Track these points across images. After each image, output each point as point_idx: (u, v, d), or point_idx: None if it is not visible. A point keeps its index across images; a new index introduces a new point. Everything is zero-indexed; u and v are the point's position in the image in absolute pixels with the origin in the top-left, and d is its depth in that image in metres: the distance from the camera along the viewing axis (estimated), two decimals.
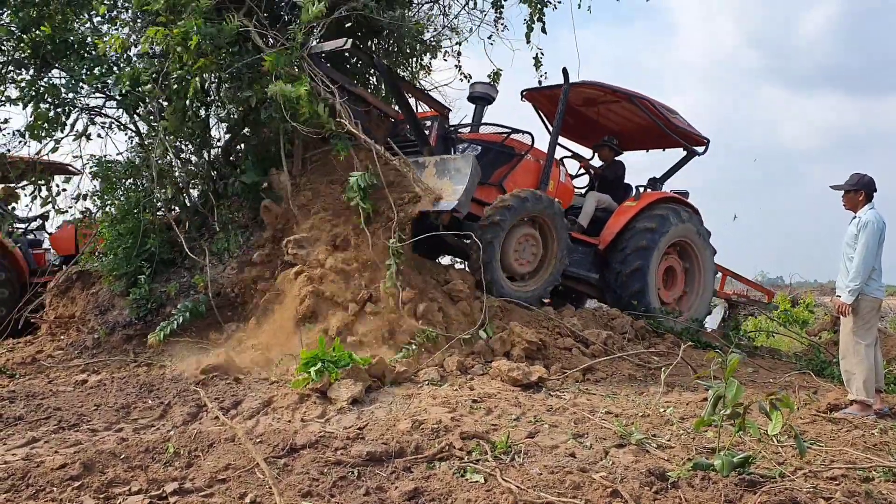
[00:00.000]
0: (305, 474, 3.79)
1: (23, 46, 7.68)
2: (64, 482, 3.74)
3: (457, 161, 7.44)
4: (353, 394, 5.43)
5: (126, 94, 7.62)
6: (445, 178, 7.35)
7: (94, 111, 8.52)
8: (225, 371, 6.45)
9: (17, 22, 7.61)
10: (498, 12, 9.86)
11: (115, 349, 7.81)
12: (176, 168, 8.26)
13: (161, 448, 4.27)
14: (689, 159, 10.26)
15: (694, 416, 5.06)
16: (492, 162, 8.40)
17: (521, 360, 6.39)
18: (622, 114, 9.95)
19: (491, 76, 10.19)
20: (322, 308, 6.99)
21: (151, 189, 8.21)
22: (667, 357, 7.46)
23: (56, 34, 7.67)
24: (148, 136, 8.55)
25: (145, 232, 8.12)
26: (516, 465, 4.02)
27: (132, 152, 8.68)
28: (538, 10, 9.56)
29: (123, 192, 8.31)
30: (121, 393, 5.97)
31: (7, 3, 7.52)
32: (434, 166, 7.56)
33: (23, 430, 4.94)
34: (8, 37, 7.68)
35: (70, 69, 7.93)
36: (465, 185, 7.06)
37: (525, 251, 8.09)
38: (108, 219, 8.26)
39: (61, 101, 7.97)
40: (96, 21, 8.12)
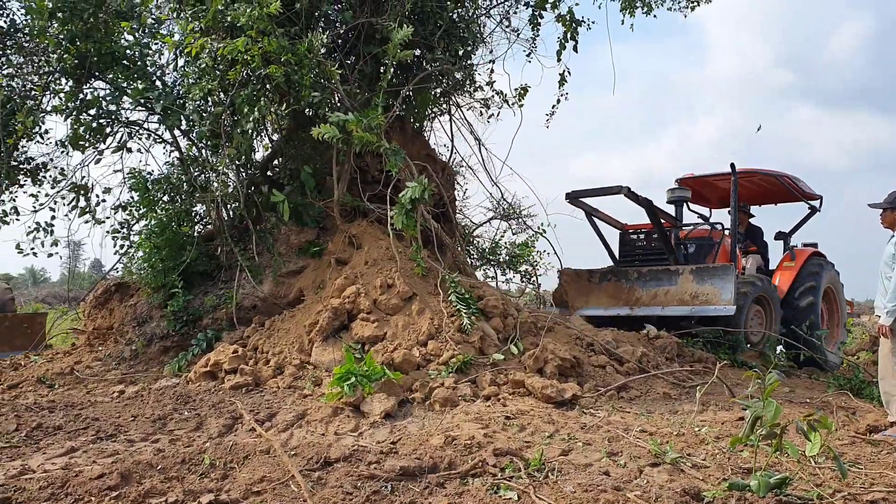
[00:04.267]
0: (339, 488, 3.80)
1: (67, 57, 7.85)
2: (102, 492, 3.79)
3: (717, 270, 9.12)
4: (385, 408, 5.45)
5: (167, 109, 7.76)
6: (707, 284, 9.06)
7: (135, 125, 8.68)
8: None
9: (65, 34, 7.79)
10: (535, 31, 9.91)
11: (152, 360, 7.92)
12: (214, 183, 8.38)
13: (197, 459, 4.32)
14: (812, 216, 11.56)
15: (729, 436, 4.98)
16: (704, 253, 10.33)
17: (554, 377, 6.35)
18: (755, 182, 11.11)
19: (518, 92, 10.22)
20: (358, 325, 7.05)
21: (189, 203, 8.34)
22: (702, 376, 7.37)
23: (101, 46, 7.83)
24: (188, 151, 8.71)
25: (182, 245, 8.25)
26: (550, 482, 3.99)
27: (171, 167, 8.83)
28: (573, 29, 9.63)
29: (161, 206, 8.45)
30: (157, 404, 6.06)
31: (55, 16, 7.69)
32: (691, 273, 9.28)
33: (62, 439, 5.03)
34: (55, 48, 7.85)
35: (113, 82, 8.10)
36: (732, 293, 8.76)
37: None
38: (147, 232, 8.40)
39: (104, 112, 8.13)
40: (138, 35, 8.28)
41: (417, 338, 6.80)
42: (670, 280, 9.50)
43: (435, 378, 6.16)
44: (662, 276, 9.62)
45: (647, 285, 9.75)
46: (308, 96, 7.17)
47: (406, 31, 7.14)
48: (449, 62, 8.62)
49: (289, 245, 8.67)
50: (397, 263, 7.53)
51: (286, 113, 7.97)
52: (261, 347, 7.28)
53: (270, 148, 9.48)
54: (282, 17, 7.09)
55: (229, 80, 7.26)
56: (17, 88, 8.07)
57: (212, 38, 7.35)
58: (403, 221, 7.12)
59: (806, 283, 10.48)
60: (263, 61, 6.97)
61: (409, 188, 7.02)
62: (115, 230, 8.75)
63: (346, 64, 8.21)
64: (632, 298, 9.79)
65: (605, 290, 10.12)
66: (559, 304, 10.59)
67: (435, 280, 7.56)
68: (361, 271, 7.67)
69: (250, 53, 6.89)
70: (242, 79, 7.27)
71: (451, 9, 8.55)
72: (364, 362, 5.85)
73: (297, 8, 7.46)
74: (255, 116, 7.26)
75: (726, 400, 6.35)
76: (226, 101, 7.54)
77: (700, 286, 9.17)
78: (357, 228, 8.43)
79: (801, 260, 10.81)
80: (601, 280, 10.25)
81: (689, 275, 9.33)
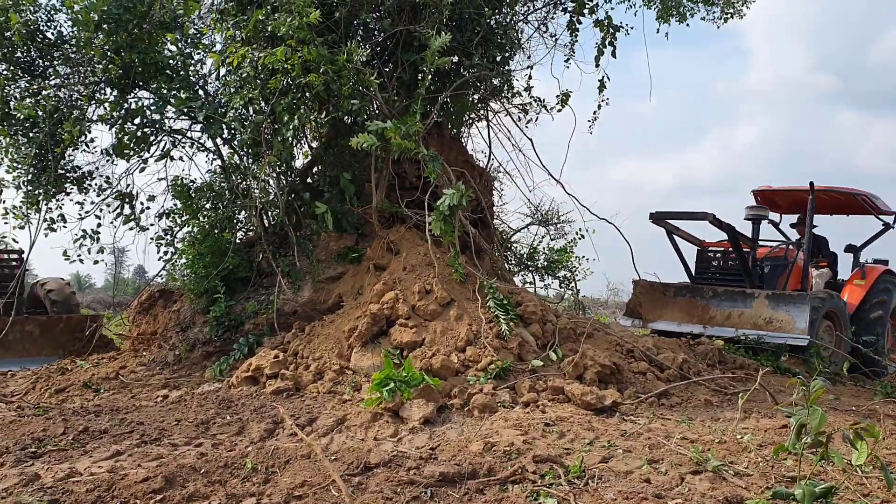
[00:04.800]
0: (379, 493, 3.82)
1: (113, 68, 8.02)
2: (147, 495, 3.86)
3: (794, 298, 9.27)
4: (424, 414, 5.47)
5: (209, 118, 7.88)
6: (782, 311, 9.19)
7: (178, 134, 8.83)
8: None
9: (110, 45, 7.96)
10: (573, 36, 9.88)
11: (194, 365, 8.04)
12: (255, 191, 8.49)
13: (239, 463, 4.37)
14: (885, 231, 11.51)
15: (773, 444, 4.91)
16: (778, 274, 10.42)
17: (594, 383, 6.31)
18: (829, 195, 11.09)
19: (560, 98, 10.19)
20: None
21: (231, 210, 8.46)
22: (744, 383, 7.27)
23: (145, 56, 7.99)
24: (229, 159, 8.84)
25: (224, 252, 8.36)
26: (590, 489, 3.97)
27: (213, 175, 8.96)
28: (611, 34, 9.60)
29: (204, 213, 8.57)
30: (200, 408, 6.14)
31: (101, 28, 7.86)
32: (766, 298, 9.38)
33: (108, 443, 5.12)
34: (100, 59, 8.02)
35: (157, 91, 8.26)
36: (807, 323, 8.94)
37: None
38: (190, 239, 8.53)
39: (148, 121, 8.28)
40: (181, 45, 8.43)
41: (456, 344, 6.81)
42: (745, 302, 9.58)
43: (473, 384, 6.16)
44: (738, 297, 9.71)
45: (722, 305, 9.81)
46: (347, 105, 7.24)
47: (444, 38, 7.18)
48: (487, 68, 8.63)
49: (328, 251, 8.75)
50: (435, 269, 7.55)
51: (325, 121, 8.05)
52: (301, 353, 7.35)
53: (310, 155, 9.58)
54: (321, 26, 7.17)
55: (270, 88, 7.35)
56: (64, 98, 8.23)
57: (253, 47, 7.46)
58: (441, 227, 7.14)
59: (874, 297, 10.57)
60: (303, 70, 7.05)
61: (448, 194, 7.04)
62: (159, 237, 8.88)
63: (384, 72, 8.26)
64: (706, 317, 9.85)
65: (679, 305, 10.18)
66: (632, 315, 10.67)
67: (473, 286, 7.56)
68: (400, 277, 7.71)
69: (290, 62, 6.98)
70: (283, 87, 7.36)
71: (488, 15, 8.57)
72: (403, 368, 5.87)
73: (336, 17, 7.53)
74: (295, 124, 7.35)
75: (769, 407, 6.25)
76: (266, 110, 7.63)
77: (775, 312, 9.27)
78: (395, 234, 8.48)
79: (871, 278, 10.86)
80: (675, 295, 10.30)
81: (765, 299, 9.42)
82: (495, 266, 9.23)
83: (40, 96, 7.95)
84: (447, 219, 7.13)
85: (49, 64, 8.29)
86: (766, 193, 11.56)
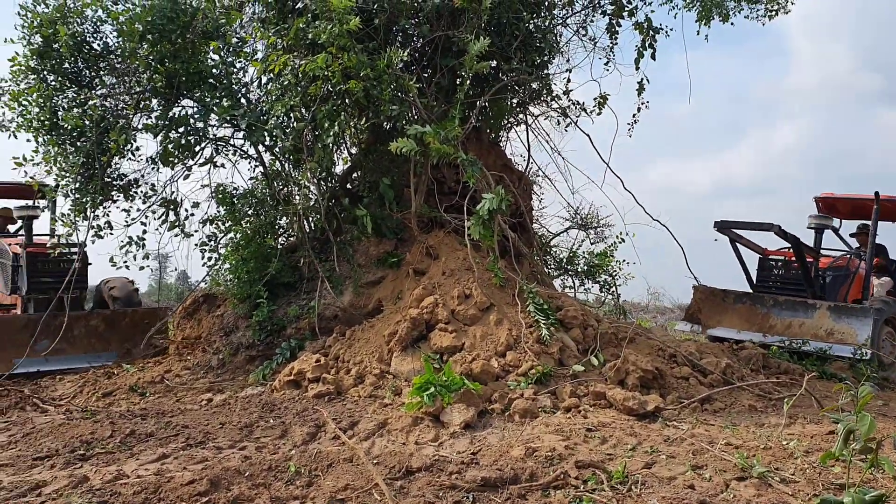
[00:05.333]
0: (421, 497, 3.84)
1: (157, 77, 8.17)
2: (192, 497, 3.92)
3: (856, 311, 9.21)
4: (465, 418, 5.47)
5: (251, 126, 7.98)
6: (843, 323, 9.10)
7: (222, 141, 8.96)
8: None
9: (155, 55, 8.11)
10: (613, 39, 9.83)
11: (238, 369, 8.14)
12: (296, 197, 8.58)
13: (283, 467, 4.43)
14: None
15: (820, 450, 4.82)
16: (839, 284, 10.34)
17: (636, 388, 6.26)
18: (893, 201, 11.00)
19: (598, 101, 10.14)
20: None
21: (273, 216, 8.55)
22: (789, 388, 7.15)
23: (189, 66, 8.13)
24: (271, 165, 8.95)
25: (267, 257, 8.46)
26: (633, 495, 3.95)
27: (256, 181, 9.07)
28: (650, 36, 9.54)
29: (247, 219, 8.68)
30: (244, 412, 6.22)
31: (145, 38, 8.01)
32: (828, 310, 9.30)
33: (154, 445, 5.21)
34: (145, 69, 8.17)
35: (201, 100, 8.39)
36: (869, 335, 8.82)
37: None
38: (233, 245, 8.64)
39: (192, 129, 8.42)
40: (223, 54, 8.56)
41: (496, 348, 6.80)
42: (806, 312, 9.54)
43: (514, 389, 6.16)
44: (799, 307, 9.67)
45: (783, 314, 9.75)
46: (387, 110, 7.29)
47: (483, 42, 7.19)
48: (525, 72, 8.62)
49: (368, 256, 8.80)
50: (475, 274, 7.55)
51: (365, 127, 8.11)
52: (342, 357, 7.40)
53: (350, 161, 9.66)
54: (361, 33, 7.23)
55: (311, 95, 7.43)
56: (110, 108, 8.38)
57: (294, 55, 7.55)
58: (481, 232, 7.15)
59: None
60: (343, 77, 7.12)
61: (487, 199, 7.05)
62: (203, 243, 9.01)
63: (423, 77, 8.30)
64: (766, 325, 9.77)
65: (738, 312, 10.12)
66: (692, 321, 10.64)
67: (513, 290, 7.55)
68: (439, 282, 7.72)
69: (331, 69, 7.04)
70: (323, 94, 7.43)
71: (527, 19, 8.56)
72: (443, 372, 5.88)
73: (375, 24, 7.59)
74: (336, 131, 7.41)
75: (815, 413, 6.14)
76: (307, 117, 7.71)
77: (836, 323, 9.19)
78: (434, 239, 8.50)
79: None
80: (735, 302, 10.23)
81: (827, 311, 9.36)
82: (535, 270, 9.20)
83: (87, 106, 8.11)
84: (486, 223, 7.14)
85: (95, 74, 8.45)
86: (828, 200, 11.46)
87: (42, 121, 8.07)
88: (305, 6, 7.28)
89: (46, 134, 8.07)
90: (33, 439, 5.54)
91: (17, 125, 8.24)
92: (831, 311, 9.28)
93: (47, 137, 8.08)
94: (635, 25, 9.75)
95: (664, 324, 16.45)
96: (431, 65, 8.45)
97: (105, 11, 8.20)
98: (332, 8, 6.91)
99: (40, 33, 7.95)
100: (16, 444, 5.48)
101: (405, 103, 7.54)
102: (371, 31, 7.60)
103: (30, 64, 8.08)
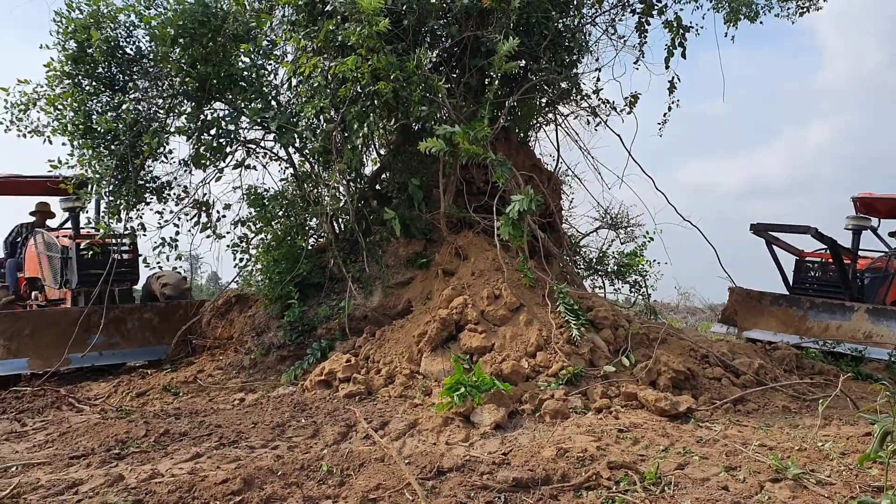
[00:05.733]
0: (453, 497, 3.84)
1: (189, 81, 8.26)
2: (226, 496, 3.96)
3: (894, 312, 9.06)
4: (496, 419, 5.47)
5: (282, 128, 8.04)
6: (883, 325, 9.00)
7: (253, 143, 9.04)
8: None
9: (186, 58, 8.21)
10: (642, 37, 9.76)
11: (269, 369, 8.20)
12: (326, 198, 8.63)
13: (315, 466, 4.45)
14: None
15: (856, 452, 4.75)
16: (878, 285, 10.27)
17: (667, 389, 6.21)
18: None
19: (628, 100, 10.09)
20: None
21: (303, 218, 8.60)
22: (823, 389, 7.05)
23: (220, 69, 8.21)
24: (301, 167, 9.01)
25: (297, 258, 8.52)
26: (666, 496, 3.91)
27: (286, 183, 9.14)
28: (681, 35, 9.46)
29: (277, 220, 8.75)
30: (276, 411, 6.27)
31: (177, 42, 8.11)
32: (866, 312, 9.22)
33: (187, 445, 5.28)
34: (177, 72, 8.27)
35: (232, 103, 8.47)
36: None
37: None
38: (264, 246, 8.71)
39: (223, 132, 8.50)
40: (254, 57, 8.63)
41: (526, 349, 6.79)
42: (844, 315, 9.43)
43: (544, 390, 6.14)
44: (836, 309, 9.56)
45: (820, 316, 9.64)
46: (416, 111, 7.31)
47: (512, 42, 7.18)
48: (555, 72, 8.59)
49: (397, 257, 8.83)
50: (504, 274, 7.54)
51: (394, 128, 8.13)
52: (372, 357, 7.44)
53: (378, 162, 9.69)
54: (390, 34, 7.25)
55: (340, 97, 7.47)
56: (143, 111, 8.49)
57: (324, 57, 7.59)
58: (510, 232, 7.14)
59: None
60: (373, 78, 7.15)
61: (516, 199, 7.03)
62: (235, 244, 9.09)
63: (452, 78, 8.30)
64: (802, 327, 9.66)
65: (775, 314, 10.04)
66: (727, 322, 10.58)
67: (542, 291, 7.53)
68: (468, 282, 7.72)
69: (360, 71, 7.08)
70: (353, 96, 7.47)
71: (556, 19, 8.52)
72: (473, 373, 5.88)
73: (404, 25, 7.61)
74: (365, 132, 7.45)
75: (851, 414, 6.05)
76: (337, 118, 7.76)
77: (875, 326, 9.09)
78: (463, 240, 8.50)
79: None
80: (772, 304, 10.14)
81: (865, 313, 9.27)
82: (565, 270, 9.17)
83: (121, 110, 8.22)
84: (516, 223, 7.13)
85: (129, 78, 8.57)
86: (867, 200, 11.31)
87: (77, 125, 8.19)
88: (335, 8, 7.30)
89: (81, 137, 8.20)
90: (69, 438, 5.64)
91: (52, 129, 8.38)
92: (869, 314, 9.16)
93: (82, 141, 8.20)
94: (665, 24, 9.67)
95: (694, 324, 16.31)
96: (460, 65, 8.46)
97: (138, 16, 8.31)
98: (361, 10, 6.94)
99: (75, 39, 8.08)
100: (52, 443, 5.58)
101: (434, 104, 7.55)
102: (400, 32, 7.62)
103: (65, 69, 8.21)
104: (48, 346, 8.68)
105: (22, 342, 8.61)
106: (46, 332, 8.76)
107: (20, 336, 8.62)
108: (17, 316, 8.95)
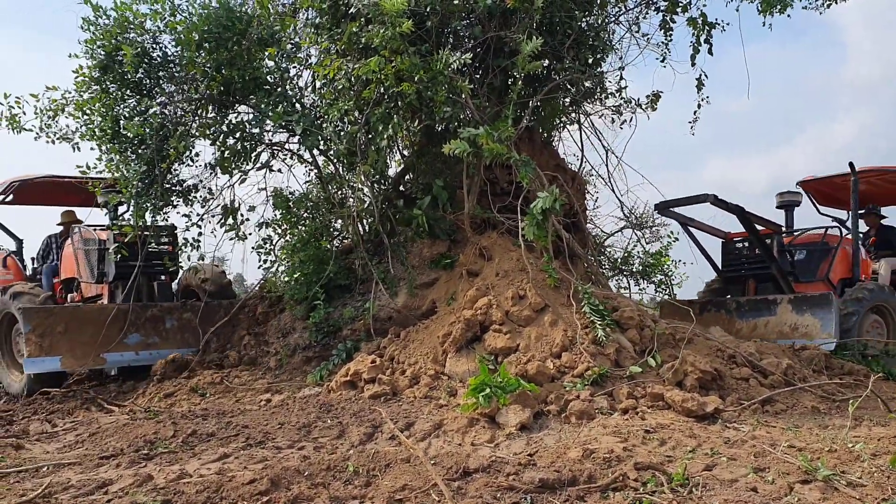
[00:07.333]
0: (479, 498, 3.84)
1: (214, 85, 8.34)
2: (253, 496, 3.99)
3: (816, 299, 8.83)
4: (521, 420, 5.45)
5: (306, 130, 8.09)
6: (807, 315, 8.78)
7: (277, 146, 9.10)
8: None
9: (212, 63, 8.28)
10: (667, 36, 9.70)
11: (295, 370, 8.25)
12: (350, 200, 8.67)
13: (341, 466, 4.47)
14: None
15: (888, 453, 4.68)
16: (817, 260, 9.99)
17: (694, 389, 6.16)
18: (889, 181, 10.77)
19: (651, 98, 10.02)
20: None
21: (328, 219, 8.65)
22: (853, 389, 6.96)
23: (245, 73, 8.27)
24: (325, 168, 9.05)
25: (323, 259, 8.57)
26: (694, 498, 3.88)
27: (311, 185, 9.20)
28: (706, 32, 9.39)
29: (302, 222, 8.80)
30: (302, 412, 6.30)
31: (203, 46, 8.19)
32: (789, 304, 9.01)
33: (215, 445, 5.32)
34: (203, 76, 8.35)
35: (256, 106, 8.54)
36: (833, 325, 8.49)
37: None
38: (289, 247, 8.77)
39: (248, 135, 8.57)
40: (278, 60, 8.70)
41: (551, 349, 6.76)
42: (769, 310, 9.26)
43: (570, 390, 6.11)
44: (761, 305, 9.42)
45: (747, 316, 9.48)
46: (440, 112, 7.32)
47: (535, 42, 7.16)
48: (578, 71, 8.56)
49: (421, 258, 8.85)
50: (528, 275, 7.53)
51: (418, 129, 8.15)
52: (397, 358, 7.46)
53: (403, 163, 9.72)
54: (413, 35, 7.27)
55: (364, 99, 7.51)
56: (170, 115, 8.58)
57: (347, 59, 7.63)
58: (534, 232, 7.12)
59: None
60: (396, 80, 7.17)
61: (541, 199, 7.01)
62: (260, 246, 9.16)
63: (475, 78, 8.31)
64: (731, 330, 9.38)
65: (704, 322, 9.65)
66: None
67: (567, 291, 7.50)
68: (493, 283, 7.72)
69: (384, 73, 7.10)
70: (376, 98, 7.50)
71: (579, 18, 8.50)
72: (498, 373, 5.87)
73: (427, 26, 7.62)
74: (389, 133, 7.47)
75: (882, 415, 5.97)
76: (361, 120, 7.79)
77: (799, 317, 8.88)
78: (487, 240, 8.50)
79: None
80: (701, 312, 9.90)
81: (788, 304, 9.08)
82: (589, 271, 9.13)
83: (147, 114, 8.31)
84: (540, 224, 7.10)
85: (155, 83, 8.67)
86: (811, 184, 11.24)
87: (105, 130, 8.31)
88: (358, 10, 7.33)
89: (109, 142, 8.31)
90: (99, 439, 5.72)
91: (80, 134, 8.50)
92: (793, 304, 8.99)
93: (110, 146, 8.31)
94: (689, 21, 9.60)
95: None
96: (483, 65, 8.46)
97: (164, 22, 8.40)
98: (384, 11, 6.96)
99: (103, 49, 8.18)
100: (82, 443, 5.66)
101: (458, 105, 7.56)
102: (423, 33, 7.63)
103: (93, 75, 8.33)
104: (83, 345, 8.35)
105: (55, 339, 8.23)
106: (81, 329, 8.41)
107: (52, 333, 8.24)
108: (50, 311, 8.50)
